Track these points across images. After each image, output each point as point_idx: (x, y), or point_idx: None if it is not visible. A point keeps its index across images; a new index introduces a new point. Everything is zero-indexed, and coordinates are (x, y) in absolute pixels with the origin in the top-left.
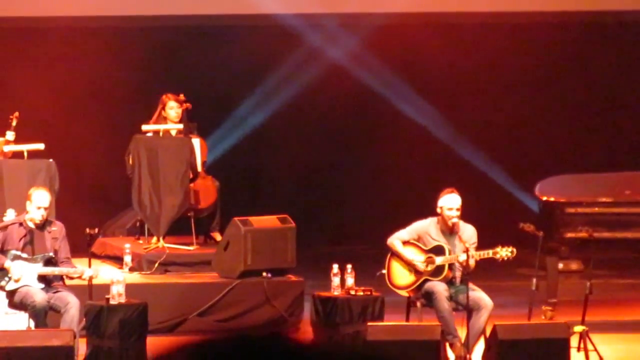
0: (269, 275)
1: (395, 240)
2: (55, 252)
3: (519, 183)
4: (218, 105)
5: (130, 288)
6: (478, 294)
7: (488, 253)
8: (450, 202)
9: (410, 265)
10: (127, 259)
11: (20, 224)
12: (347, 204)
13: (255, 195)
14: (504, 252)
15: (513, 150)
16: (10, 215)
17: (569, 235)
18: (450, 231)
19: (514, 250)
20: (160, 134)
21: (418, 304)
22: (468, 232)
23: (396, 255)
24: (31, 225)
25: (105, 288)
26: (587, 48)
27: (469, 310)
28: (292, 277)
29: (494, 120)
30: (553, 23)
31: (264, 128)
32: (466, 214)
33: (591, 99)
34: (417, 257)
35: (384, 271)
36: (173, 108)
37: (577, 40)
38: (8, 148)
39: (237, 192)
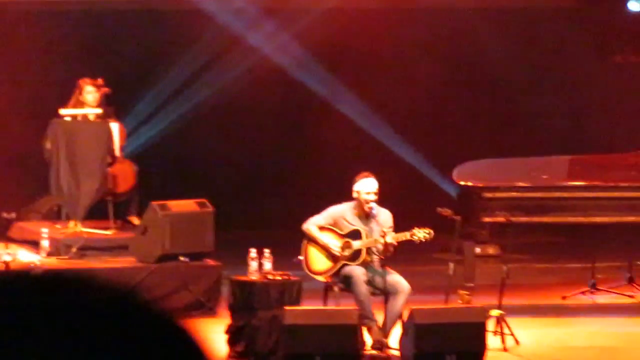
0: (187, 259)
1: (311, 225)
2: None
3: (437, 168)
4: (138, 89)
5: None
6: (395, 278)
7: (405, 235)
8: (366, 186)
9: (326, 250)
10: (45, 243)
11: None
12: (265, 188)
13: (174, 179)
14: (421, 234)
15: (432, 135)
16: None
17: (487, 219)
18: (366, 215)
19: (431, 231)
20: (79, 118)
21: (336, 288)
22: (384, 216)
23: (312, 240)
24: None
25: None
26: (497, 34)
27: (386, 294)
28: (210, 262)
29: (413, 105)
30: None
31: (185, 113)
32: (384, 199)
33: (508, 84)
34: (334, 242)
35: (301, 257)
36: (91, 92)
37: (487, 26)
38: None
39: (156, 177)
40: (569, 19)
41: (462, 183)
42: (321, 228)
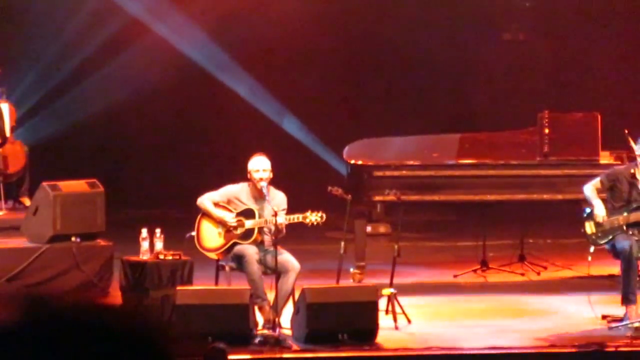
0: (78, 240)
1: (206, 200)
2: None
3: (329, 146)
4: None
5: None
6: (286, 257)
7: (298, 218)
8: (257, 164)
9: (221, 223)
10: None
11: None
12: (157, 168)
13: (64, 159)
14: (314, 217)
15: (324, 114)
16: None
17: (377, 198)
18: (260, 196)
19: (324, 215)
20: None
21: (227, 267)
22: (278, 198)
23: (206, 214)
24: None
25: None
26: (388, 13)
27: (277, 273)
28: (102, 242)
29: (306, 84)
30: None
31: (76, 91)
32: (278, 179)
33: (399, 63)
34: (228, 214)
35: (194, 233)
36: None
37: (378, 4)
38: None
39: (47, 157)
40: None
41: (352, 162)
42: (215, 205)
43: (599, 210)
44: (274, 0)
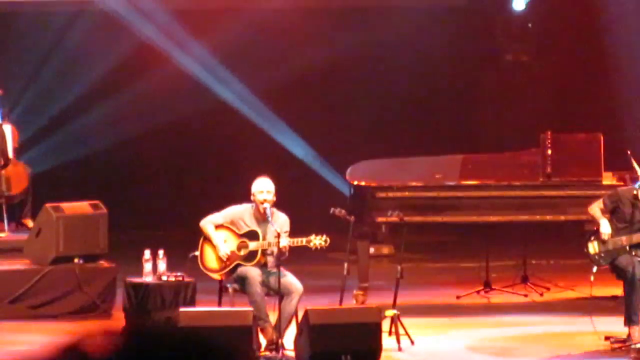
0: (81, 261)
1: (208, 223)
2: None
3: (333, 168)
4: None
5: None
6: (289, 279)
7: (302, 241)
8: (261, 186)
9: (217, 250)
10: None
11: None
12: (160, 189)
13: (68, 181)
14: (318, 241)
15: (328, 135)
16: None
17: (380, 219)
18: (263, 218)
19: (328, 239)
20: None
21: (230, 289)
22: (281, 220)
23: (208, 238)
24: None
25: None
26: (391, 33)
27: (280, 295)
28: (104, 264)
29: (310, 107)
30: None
31: (78, 113)
32: (281, 200)
33: (402, 83)
34: (224, 246)
35: (197, 253)
36: None
37: (382, 25)
38: None
39: (50, 179)
40: (459, 18)
41: (355, 183)
42: (219, 226)
43: (605, 228)
44: (278, 20)
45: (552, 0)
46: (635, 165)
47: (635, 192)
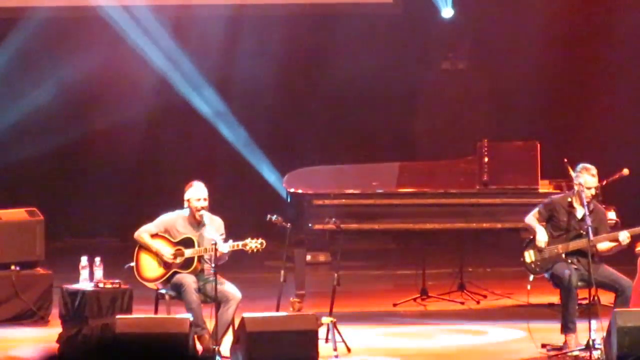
0: (18, 268)
1: (143, 233)
2: None
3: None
4: None
5: None
6: (226, 287)
7: (238, 245)
8: (196, 193)
9: (158, 257)
10: None
11: None
12: (96, 196)
13: (2, 188)
14: (254, 244)
15: (270, 142)
16: None
17: (317, 227)
18: (197, 223)
19: (264, 242)
20: None
21: (167, 296)
22: (216, 223)
23: (144, 247)
24: None
25: None
26: (330, 42)
27: (217, 302)
28: (41, 270)
29: (251, 113)
30: None
31: (12, 121)
32: (217, 205)
33: (339, 92)
34: (166, 250)
35: (132, 264)
36: None
37: (318, 34)
38: None
39: None
40: (395, 27)
41: (292, 190)
42: (153, 236)
43: (541, 236)
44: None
45: (481, 7)
46: (571, 172)
47: (569, 199)
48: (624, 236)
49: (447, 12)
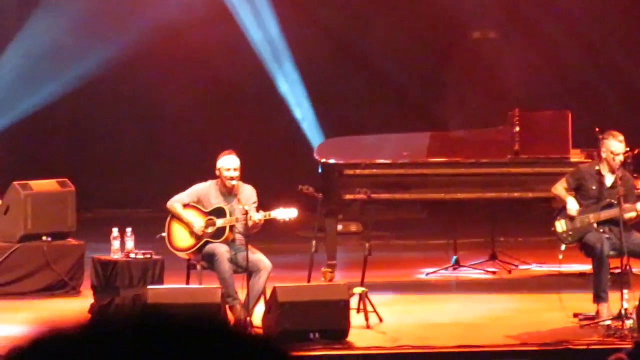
0: (49, 239)
1: (175, 203)
2: None
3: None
4: None
5: None
6: (257, 256)
7: (269, 214)
8: (227, 162)
9: (189, 227)
10: None
11: None
12: (127, 167)
13: (35, 159)
14: (285, 213)
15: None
16: None
17: (348, 197)
18: (229, 192)
19: (296, 210)
20: None
21: (198, 266)
22: (247, 192)
23: (176, 217)
24: None
25: None
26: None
27: (248, 272)
28: (73, 241)
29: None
30: None
31: (44, 90)
32: (249, 175)
33: (368, 64)
34: (197, 220)
35: (164, 234)
36: None
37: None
38: None
39: (17, 156)
40: None
41: (323, 160)
42: (185, 205)
43: (572, 205)
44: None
45: None
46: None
47: (597, 167)
48: None
49: None
